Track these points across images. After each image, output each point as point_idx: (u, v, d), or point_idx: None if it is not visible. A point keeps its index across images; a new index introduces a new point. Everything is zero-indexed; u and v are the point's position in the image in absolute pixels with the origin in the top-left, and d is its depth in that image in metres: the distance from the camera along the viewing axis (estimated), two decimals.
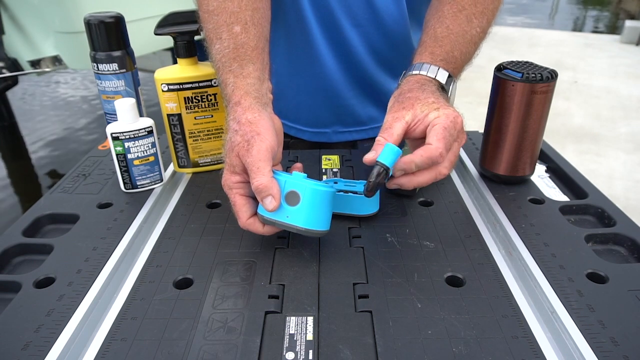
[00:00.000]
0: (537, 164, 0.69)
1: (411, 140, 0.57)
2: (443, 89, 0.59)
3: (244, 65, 0.56)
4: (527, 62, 0.64)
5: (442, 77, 0.59)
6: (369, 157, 0.52)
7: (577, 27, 6.77)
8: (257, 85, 0.55)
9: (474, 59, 0.65)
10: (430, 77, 0.58)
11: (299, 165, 0.59)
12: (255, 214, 0.53)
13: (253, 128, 0.51)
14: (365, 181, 0.62)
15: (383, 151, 0.51)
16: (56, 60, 2.48)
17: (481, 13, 0.63)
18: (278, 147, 0.55)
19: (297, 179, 0.50)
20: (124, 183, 0.67)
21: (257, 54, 0.58)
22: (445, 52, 0.60)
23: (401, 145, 0.54)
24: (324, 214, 0.51)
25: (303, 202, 0.50)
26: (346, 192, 0.61)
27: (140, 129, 0.64)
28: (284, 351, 0.41)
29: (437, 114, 0.53)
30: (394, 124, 0.53)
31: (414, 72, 0.59)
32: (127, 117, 0.63)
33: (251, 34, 0.58)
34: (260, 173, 0.49)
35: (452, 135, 0.53)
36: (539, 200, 0.64)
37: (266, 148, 0.50)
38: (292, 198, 0.50)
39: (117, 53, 0.69)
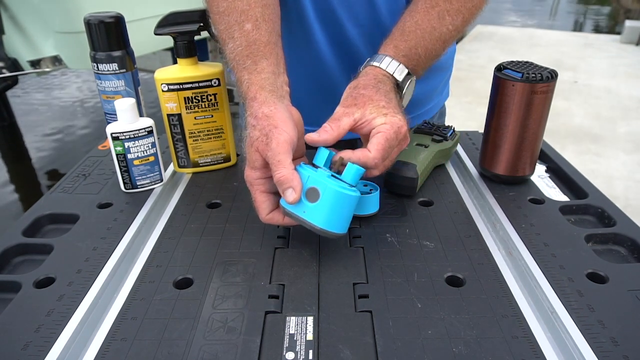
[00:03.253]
0: (537, 164, 0.69)
1: (360, 135, 0.59)
2: (398, 86, 0.60)
3: (258, 62, 0.56)
4: (527, 62, 0.64)
5: (400, 74, 0.60)
6: (310, 137, 0.53)
7: (577, 27, 6.77)
8: (271, 79, 0.55)
9: (442, 56, 0.66)
10: (388, 72, 0.60)
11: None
12: (275, 208, 0.54)
13: (270, 122, 0.51)
14: (365, 181, 0.62)
15: (318, 154, 0.53)
16: (56, 60, 2.48)
17: (456, 11, 0.63)
18: (299, 139, 0.55)
19: (320, 177, 0.49)
20: (124, 183, 0.67)
21: (270, 49, 0.57)
22: (409, 47, 0.61)
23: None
24: (342, 217, 0.50)
25: (322, 200, 0.49)
26: None
27: (140, 129, 0.64)
28: (284, 351, 0.41)
29: (384, 121, 0.54)
30: (343, 118, 0.55)
31: (374, 64, 0.61)
32: (127, 117, 0.63)
33: (262, 30, 0.58)
34: (281, 165, 0.49)
35: (392, 145, 0.54)
36: (539, 200, 0.64)
37: (285, 140, 0.50)
38: (312, 194, 0.49)
39: (117, 53, 0.69)
